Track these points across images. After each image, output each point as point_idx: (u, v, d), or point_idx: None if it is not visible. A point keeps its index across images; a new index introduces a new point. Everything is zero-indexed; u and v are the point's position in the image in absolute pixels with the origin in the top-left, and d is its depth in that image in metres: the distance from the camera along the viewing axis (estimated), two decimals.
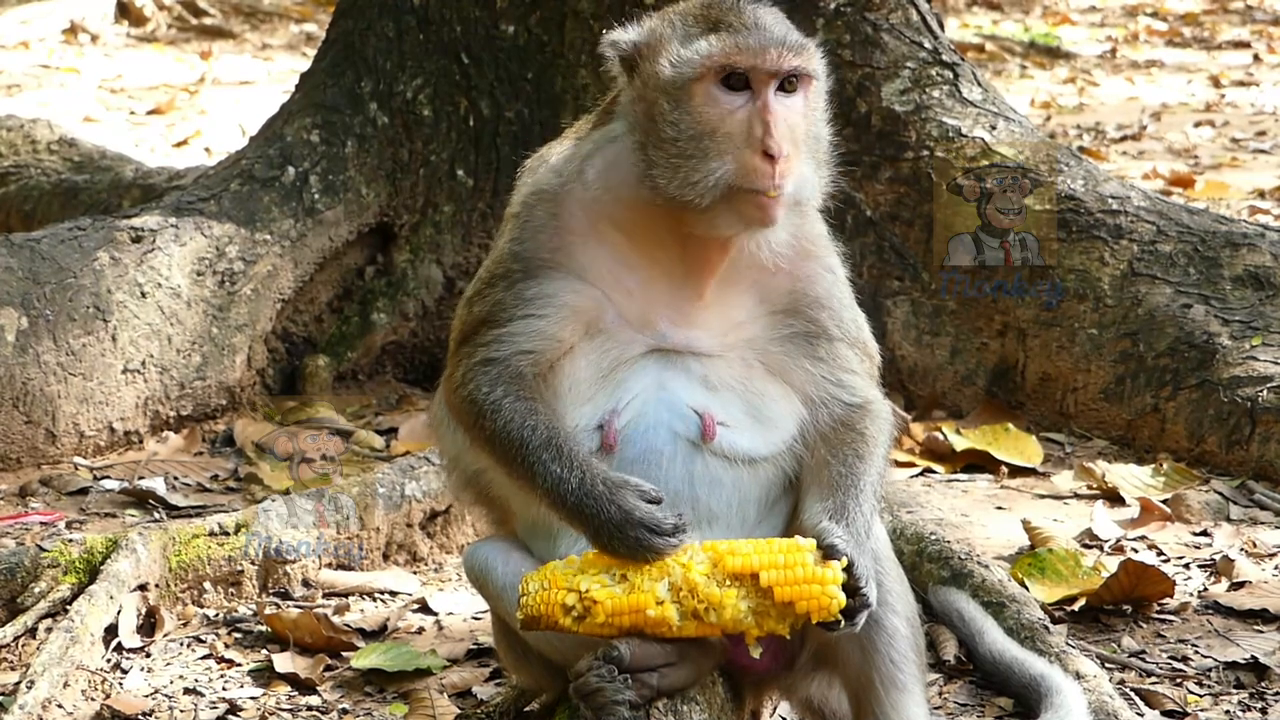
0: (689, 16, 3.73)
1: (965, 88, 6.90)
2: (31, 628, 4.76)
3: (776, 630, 3.58)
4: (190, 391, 6.60)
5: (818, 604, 3.52)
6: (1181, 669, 4.65)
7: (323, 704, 4.57)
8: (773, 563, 3.53)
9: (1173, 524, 5.64)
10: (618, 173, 3.77)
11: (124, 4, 17.17)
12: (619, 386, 3.76)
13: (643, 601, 3.54)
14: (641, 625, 3.56)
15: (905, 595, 3.83)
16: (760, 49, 3.64)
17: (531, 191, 3.86)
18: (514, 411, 3.73)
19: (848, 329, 3.90)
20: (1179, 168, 11.35)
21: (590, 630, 3.57)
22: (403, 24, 7.19)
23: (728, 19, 3.68)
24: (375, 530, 5.40)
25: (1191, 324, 6.33)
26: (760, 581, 3.53)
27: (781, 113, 3.64)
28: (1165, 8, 19.72)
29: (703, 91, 3.66)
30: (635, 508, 3.55)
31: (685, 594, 3.54)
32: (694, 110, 3.66)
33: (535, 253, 3.80)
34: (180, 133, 12.62)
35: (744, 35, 3.65)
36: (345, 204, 7.04)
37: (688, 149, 3.65)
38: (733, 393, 3.80)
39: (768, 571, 3.53)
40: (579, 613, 3.56)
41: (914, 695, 3.79)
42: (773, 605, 3.53)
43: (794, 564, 3.53)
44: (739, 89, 3.65)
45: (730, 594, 3.53)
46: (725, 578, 3.54)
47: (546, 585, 3.57)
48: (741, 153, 3.62)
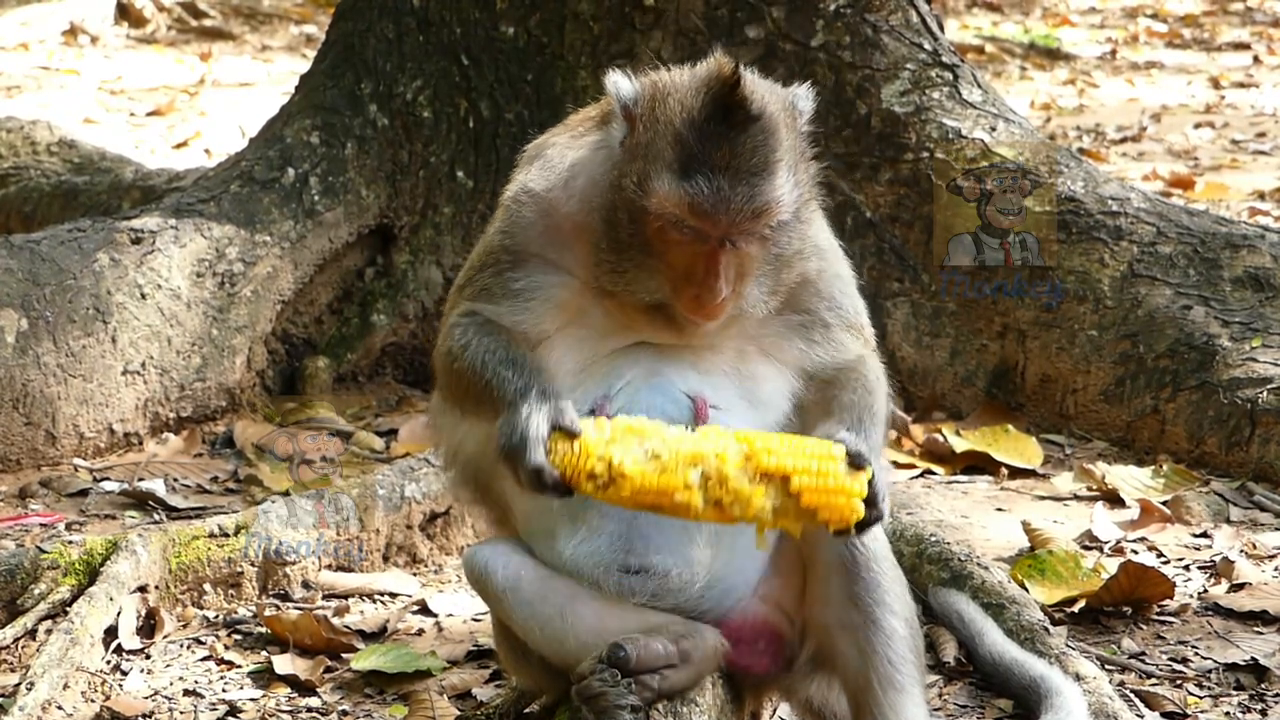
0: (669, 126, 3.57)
1: (965, 89, 6.90)
2: (31, 629, 4.76)
3: (788, 529, 3.55)
4: (190, 393, 6.60)
5: (839, 515, 3.51)
6: (1181, 670, 4.65)
7: (322, 705, 4.57)
8: (805, 468, 3.51)
9: (1173, 525, 5.64)
10: (597, 198, 3.75)
11: (124, 5, 17.17)
12: (610, 373, 3.77)
13: (672, 484, 3.50)
14: (663, 506, 3.52)
15: (903, 596, 3.83)
16: (714, 216, 3.54)
17: (522, 189, 3.87)
18: (482, 344, 3.73)
19: (846, 315, 3.91)
20: (1179, 169, 11.35)
21: (610, 500, 3.53)
22: (402, 25, 7.19)
23: (698, 160, 3.53)
24: (375, 532, 5.40)
25: (1191, 325, 6.33)
26: (790, 485, 3.51)
27: (729, 260, 3.60)
28: (1165, 9, 19.72)
29: (656, 224, 3.60)
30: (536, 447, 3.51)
31: (714, 484, 3.51)
32: (646, 232, 3.61)
33: (525, 244, 3.82)
34: (180, 134, 12.63)
35: (705, 194, 3.52)
36: (345, 205, 7.04)
37: (635, 259, 3.64)
38: (725, 376, 3.80)
39: (800, 476, 3.50)
40: (603, 482, 3.50)
41: (913, 696, 3.79)
42: (796, 507, 3.51)
43: (826, 472, 3.51)
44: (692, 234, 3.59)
45: (759, 491, 3.50)
46: (757, 474, 3.52)
47: (577, 449, 3.52)
48: (681, 286, 3.62)
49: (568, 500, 3.68)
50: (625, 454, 3.50)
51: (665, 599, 3.78)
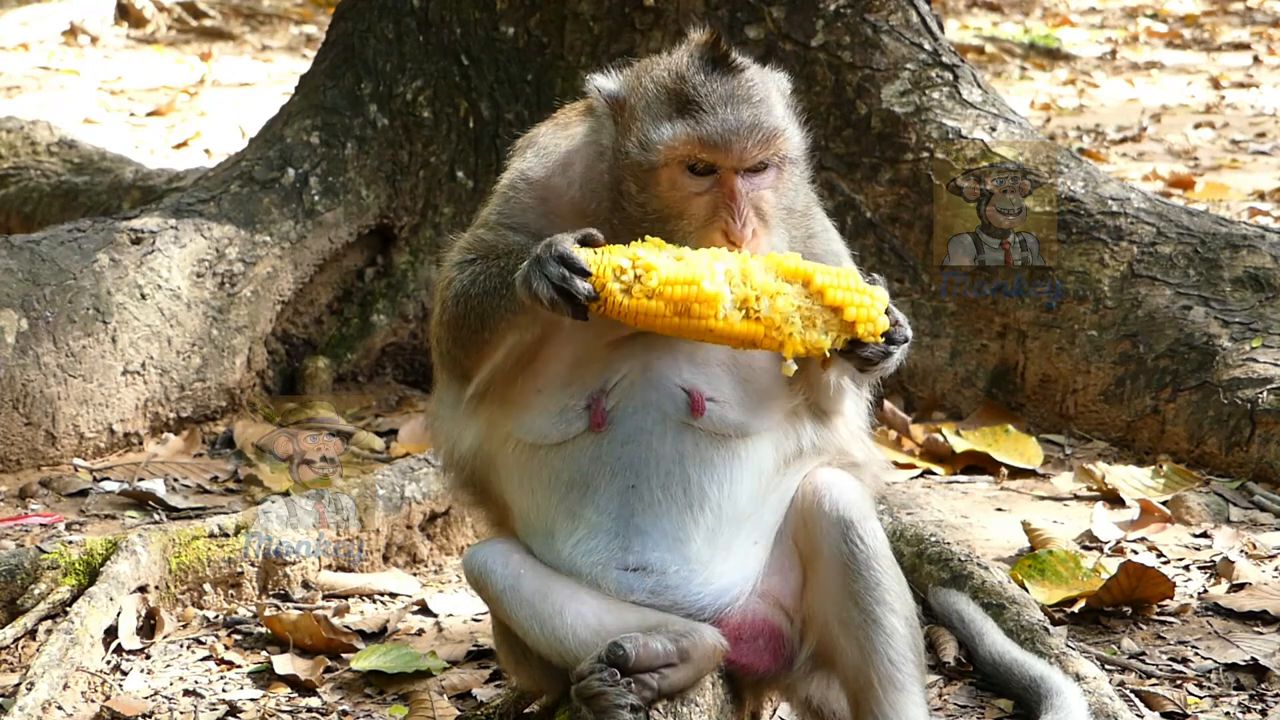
0: (661, 88, 3.64)
1: (965, 89, 6.90)
2: (31, 629, 4.76)
3: (817, 344, 3.51)
4: (190, 393, 6.60)
5: (866, 314, 3.51)
6: (1181, 670, 4.65)
7: (322, 705, 4.57)
8: (827, 270, 3.52)
9: (1173, 526, 5.64)
10: (594, 181, 3.78)
11: (124, 6, 17.17)
12: (606, 368, 3.78)
13: (699, 273, 3.47)
14: (692, 301, 3.47)
15: (904, 595, 3.83)
16: (725, 143, 3.57)
17: (519, 175, 3.89)
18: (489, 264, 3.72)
19: None
20: (1179, 169, 11.35)
21: (637, 304, 3.47)
22: (402, 26, 7.19)
23: (697, 100, 3.58)
24: (375, 532, 5.40)
25: (1191, 326, 6.33)
26: (814, 284, 3.50)
27: (747, 194, 3.61)
28: (1165, 9, 19.73)
29: (668, 177, 3.62)
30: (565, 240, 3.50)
31: (738, 281, 3.50)
32: (660, 194, 3.63)
33: (522, 225, 3.84)
34: (180, 134, 12.63)
35: (710, 125, 3.57)
36: (345, 206, 7.04)
37: (654, 229, 3.64)
38: (722, 367, 3.81)
39: (823, 275, 3.51)
40: (631, 277, 3.47)
41: (912, 695, 3.79)
42: (821, 309, 3.50)
43: (846, 273, 3.53)
44: (705, 173, 3.61)
45: (784, 285, 3.50)
46: (780, 274, 3.51)
47: (599, 253, 3.50)
48: (706, 233, 3.62)
49: (566, 495, 3.69)
50: (649, 252, 3.49)
51: (664, 596, 3.78)
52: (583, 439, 3.78)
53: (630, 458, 3.74)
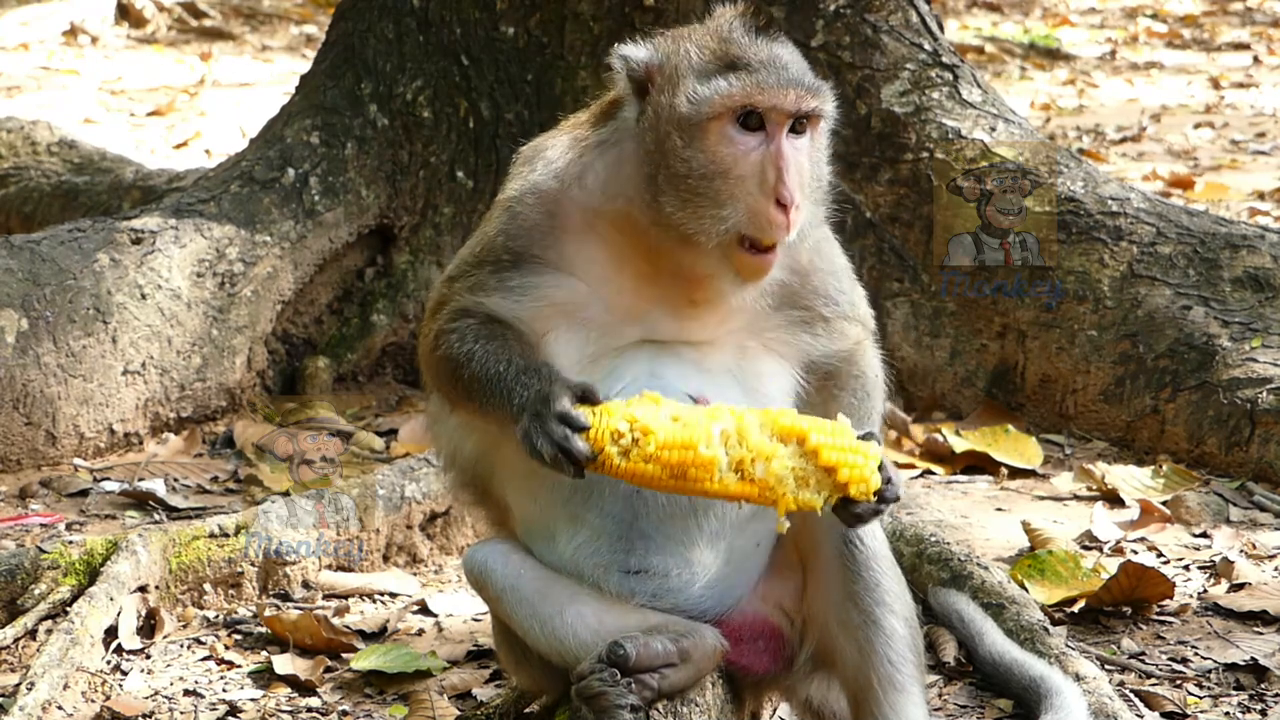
0: (705, 49, 3.65)
1: (965, 89, 6.90)
2: (31, 629, 4.76)
3: (809, 503, 3.53)
4: (190, 393, 6.60)
5: (859, 474, 3.51)
6: (1181, 671, 4.65)
7: (323, 705, 4.57)
8: (820, 428, 3.53)
9: (1172, 526, 5.64)
10: (618, 183, 3.74)
11: (124, 6, 17.17)
12: (610, 374, 3.75)
13: (695, 438, 3.49)
14: (689, 465, 3.49)
15: (903, 596, 3.83)
16: (780, 89, 3.60)
17: (529, 189, 3.82)
18: (486, 349, 3.70)
19: (844, 310, 3.90)
20: (1178, 169, 11.35)
21: (634, 466, 3.49)
22: (402, 26, 7.19)
23: (746, 56, 3.61)
24: (375, 532, 5.40)
25: (1191, 326, 6.33)
26: (808, 443, 3.51)
27: (793, 156, 3.61)
28: (1165, 9, 19.72)
29: (718, 131, 3.61)
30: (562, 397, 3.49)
31: (734, 442, 3.51)
32: (708, 149, 3.61)
33: (526, 247, 3.79)
34: (180, 134, 12.63)
35: (764, 74, 3.60)
36: (345, 206, 7.04)
37: (699, 187, 3.61)
38: (728, 375, 3.79)
39: (816, 434, 3.52)
40: (629, 441, 3.48)
41: (913, 696, 3.79)
42: (815, 469, 3.51)
43: (840, 431, 3.54)
44: (754, 129, 3.61)
45: (779, 447, 3.51)
46: (775, 434, 3.53)
47: (597, 413, 3.51)
48: (754, 198, 3.59)
49: (569, 500, 3.69)
50: (647, 414, 3.50)
51: (665, 599, 3.78)
52: None
53: None
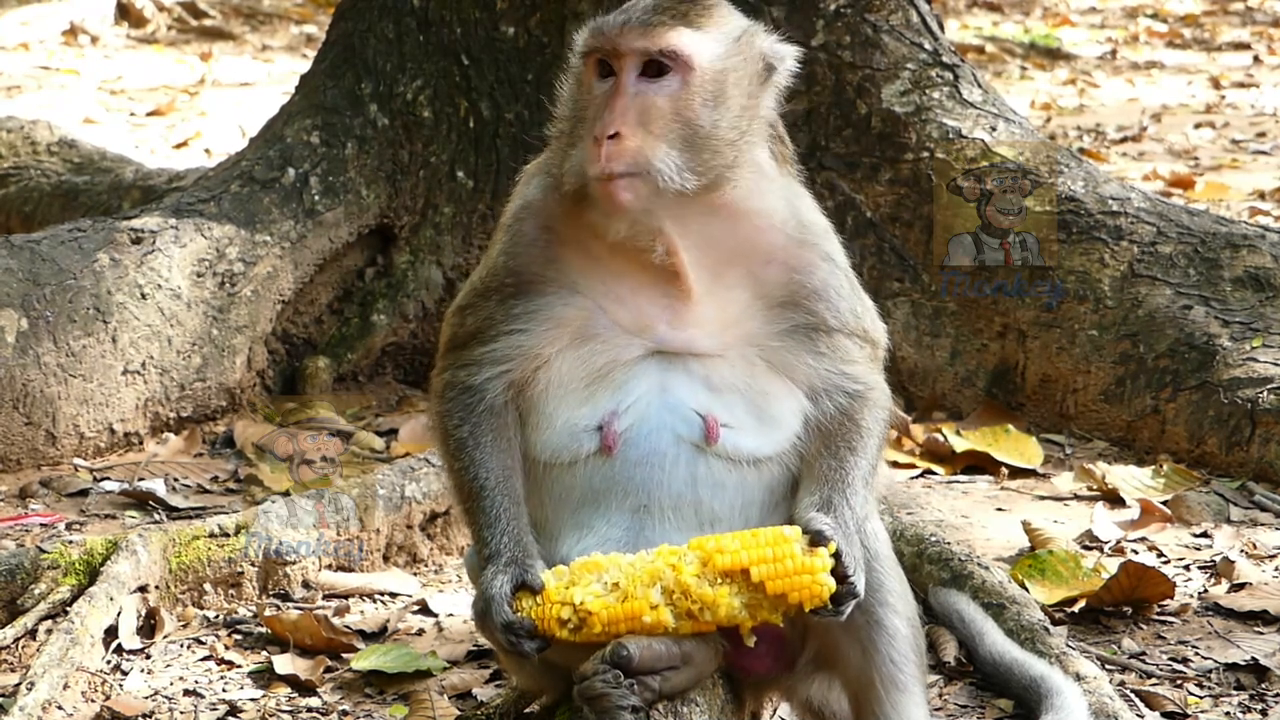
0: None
1: (965, 89, 6.90)
2: (31, 629, 4.76)
3: (770, 620, 3.61)
4: (190, 393, 6.60)
5: (809, 593, 3.55)
6: (1182, 670, 4.65)
7: (323, 705, 4.57)
8: (762, 557, 3.56)
9: (1173, 525, 5.64)
10: None
11: (124, 5, 17.16)
12: (619, 389, 3.74)
13: (637, 609, 3.58)
14: (638, 630, 3.59)
15: (905, 596, 3.83)
16: (616, 30, 3.62)
17: (522, 205, 3.85)
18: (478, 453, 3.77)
19: (846, 320, 3.83)
20: (1179, 169, 11.35)
21: (588, 639, 3.60)
22: (403, 25, 7.19)
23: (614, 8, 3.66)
24: (375, 532, 5.40)
25: (1192, 325, 6.33)
26: (751, 577, 3.56)
27: (637, 96, 3.60)
28: (1165, 9, 19.72)
29: (583, 76, 3.70)
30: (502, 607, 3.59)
31: (678, 596, 3.58)
32: (572, 94, 3.73)
33: (527, 266, 3.79)
34: (180, 134, 12.62)
35: (609, 19, 3.64)
36: (345, 205, 7.04)
37: (564, 135, 3.71)
38: (736, 394, 3.77)
39: (758, 566, 3.55)
40: (575, 625, 3.59)
41: (914, 696, 3.79)
42: (765, 598, 3.57)
43: (782, 556, 3.56)
44: (608, 75, 3.65)
45: (723, 592, 3.56)
46: (716, 576, 3.57)
47: (540, 601, 3.61)
48: (588, 135, 3.63)
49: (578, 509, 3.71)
50: (585, 593, 3.58)
51: None
52: (594, 459, 3.73)
53: (642, 479, 3.71)
